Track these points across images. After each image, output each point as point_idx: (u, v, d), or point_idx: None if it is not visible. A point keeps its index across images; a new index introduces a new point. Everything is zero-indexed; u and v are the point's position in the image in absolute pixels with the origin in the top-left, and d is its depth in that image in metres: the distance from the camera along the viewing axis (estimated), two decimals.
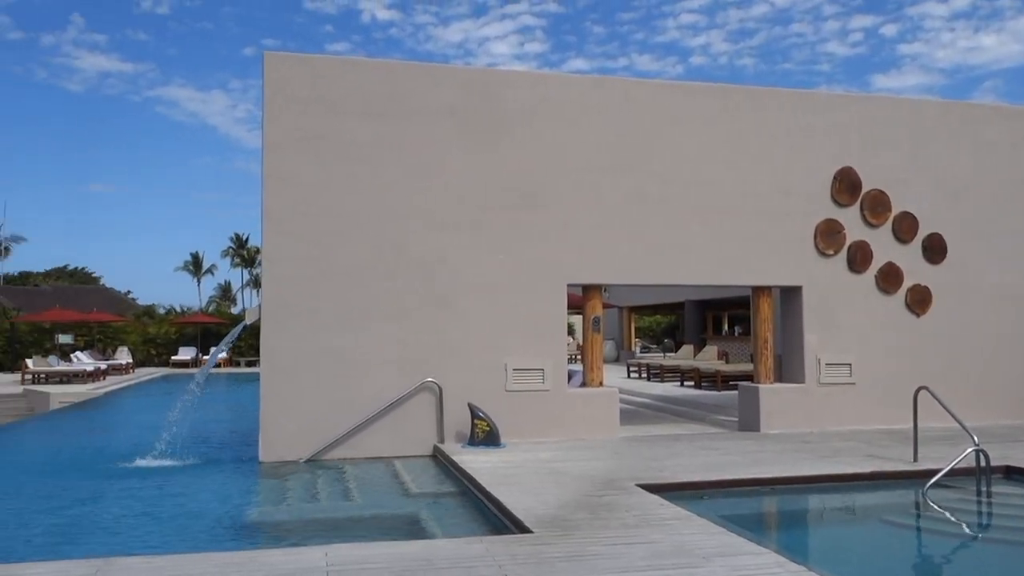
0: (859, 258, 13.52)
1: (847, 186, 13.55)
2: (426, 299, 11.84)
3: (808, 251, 13.36)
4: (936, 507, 8.25)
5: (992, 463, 8.72)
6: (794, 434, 12.43)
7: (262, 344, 11.43)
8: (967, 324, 13.98)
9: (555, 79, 12.92)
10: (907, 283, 13.75)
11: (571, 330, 35.25)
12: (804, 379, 13.18)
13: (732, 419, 13.99)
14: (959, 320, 13.93)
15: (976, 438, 8.67)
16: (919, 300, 13.77)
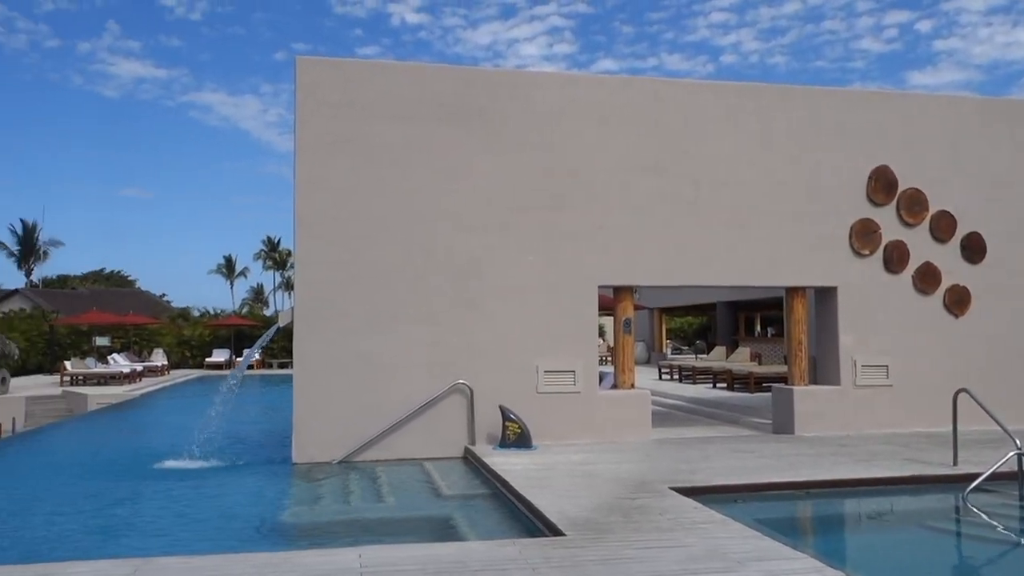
0: (896, 258, 13.31)
1: (883, 185, 13.35)
2: (457, 301, 11.86)
3: (843, 251, 13.18)
4: (977, 512, 8.09)
5: None
6: (830, 437, 12.27)
7: (295, 347, 11.53)
8: (1008, 325, 13.69)
9: (584, 80, 12.89)
10: (945, 283, 13.51)
11: (601, 332, 35.14)
12: (840, 381, 13.00)
13: (766, 422, 13.84)
14: (999, 321, 13.65)
15: (1018, 441, 8.50)
16: (958, 301, 13.52)
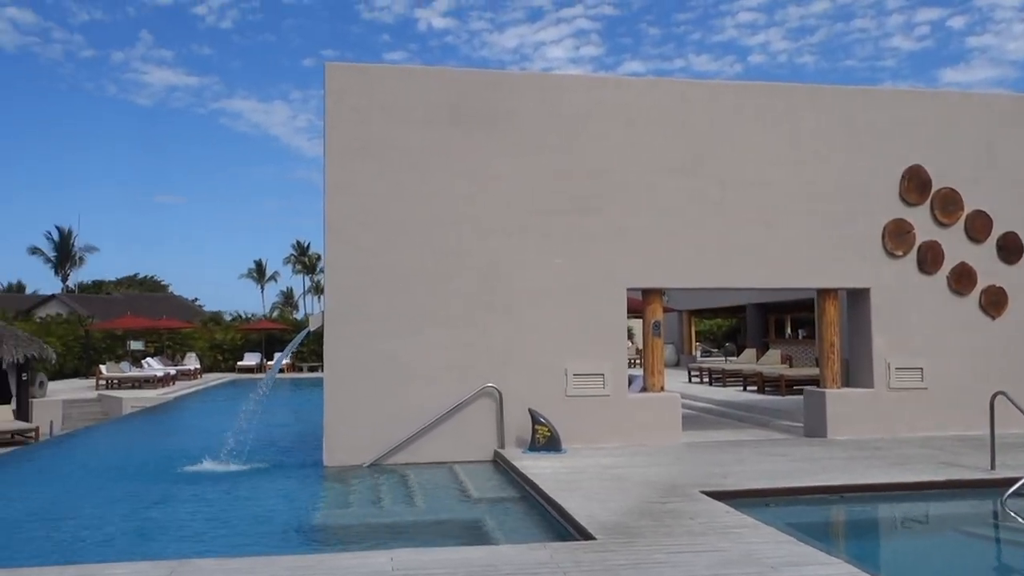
0: (930, 259, 13.12)
1: (916, 185, 13.17)
2: (486, 305, 11.89)
3: (876, 252, 13.01)
4: (1015, 517, 7.93)
5: None
6: (863, 441, 12.10)
7: (326, 351, 11.63)
8: None
9: (611, 82, 12.86)
10: (981, 284, 13.28)
11: (630, 334, 34.97)
12: (873, 384, 12.82)
13: (797, 425, 13.69)
14: None
15: None
16: (994, 302, 13.29)
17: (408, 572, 5.70)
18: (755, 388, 20.22)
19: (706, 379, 23.39)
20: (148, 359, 32.23)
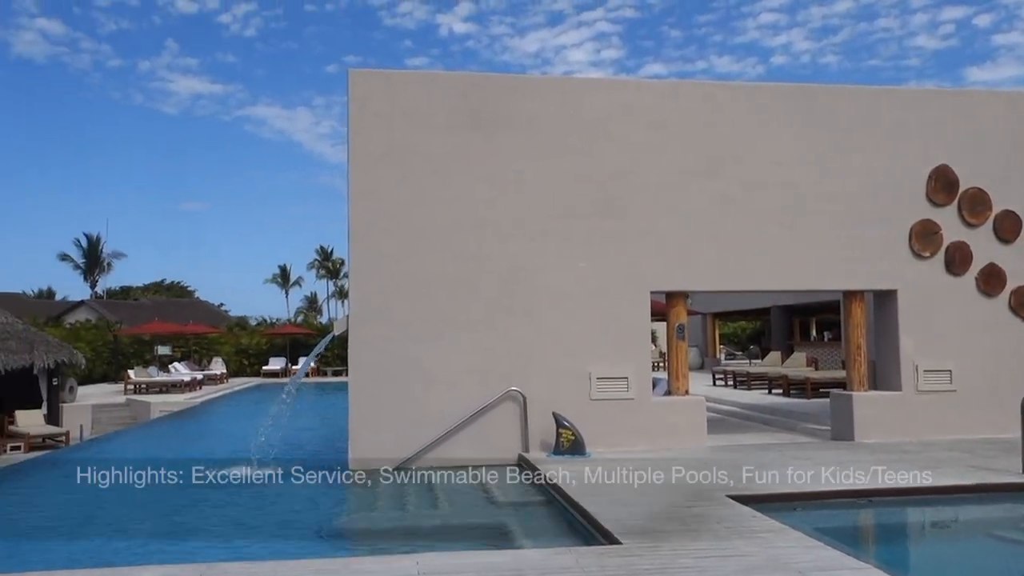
0: (958, 259, 12.95)
1: (943, 185, 13.01)
2: (509, 309, 11.90)
3: (903, 253, 12.87)
4: None
5: None
6: (891, 444, 11.96)
7: (350, 355, 11.70)
8: None
9: (632, 84, 12.86)
10: (1011, 285, 13.09)
11: (654, 337, 34.83)
12: (901, 386, 12.68)
13: (823, 428, 13.56)
14: None
15: None
16: None
17: None
18: (780, 391, 20.04)
19: (731, 382, 23.23)
20: (175, 364, 32.58)
